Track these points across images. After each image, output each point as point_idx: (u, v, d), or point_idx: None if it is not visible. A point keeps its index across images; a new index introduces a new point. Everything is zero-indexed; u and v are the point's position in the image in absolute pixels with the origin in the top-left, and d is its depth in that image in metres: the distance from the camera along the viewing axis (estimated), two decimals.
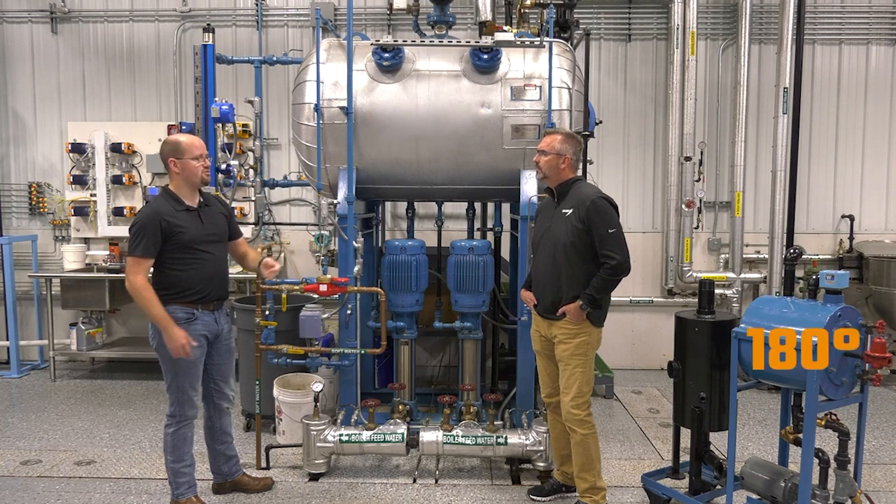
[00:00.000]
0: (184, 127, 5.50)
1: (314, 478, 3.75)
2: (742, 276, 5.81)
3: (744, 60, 5.64)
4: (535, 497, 3.54)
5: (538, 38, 3.97)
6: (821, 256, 5.94)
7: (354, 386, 4.03)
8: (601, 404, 5.17)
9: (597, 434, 3.28)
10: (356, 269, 3.95)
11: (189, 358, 3.11)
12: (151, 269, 3.12)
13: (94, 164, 5.86)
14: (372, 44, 4.01)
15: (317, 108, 3.93)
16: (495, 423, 3.79)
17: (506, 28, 4.24)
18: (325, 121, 3.96)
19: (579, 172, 3.51)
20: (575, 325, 3.21)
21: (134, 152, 5.89)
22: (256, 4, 5.92)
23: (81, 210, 5.88)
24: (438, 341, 5.78)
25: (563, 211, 3.24)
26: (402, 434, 3.72)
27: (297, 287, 3.82)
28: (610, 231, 3.11)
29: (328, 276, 3.82)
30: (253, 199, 4.75)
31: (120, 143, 5.81)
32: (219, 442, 3.49)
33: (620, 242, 3.13)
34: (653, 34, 5.96)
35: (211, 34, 4.77)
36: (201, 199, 3.26)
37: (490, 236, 4.84)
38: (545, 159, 3.27)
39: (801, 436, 2.82)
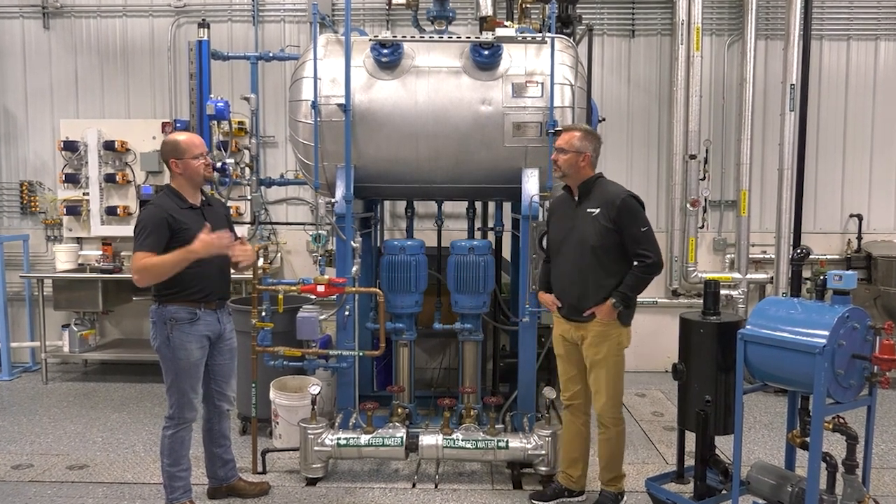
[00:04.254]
0: (178, 124, 5.48)
1: (311, 482, 3.73)
2: (748, 276, 5.79)
3: (750, 56, 5.61)
4: (537, 502, 3.51)
5: (540, 34, 3.94)
6: (828, 256, 5.91)
7: (352, 388, 4.01)
8: None
9: (625, 428, 3.42)
10: (354, 269, 3.92)
11: (220, 248, 3.02)
12: None
13: (86, 163, 5.82)
14: (370, 39, 3.97)
15: (314, 105, 3.89)
16: (496, 426, 3.78)
17: (507, 23, 4.22)
18: (323, 118, 3.93)
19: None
20: (604, 326, 3.21)
21: (128, 150, 5.85)
22: None
23: (74, 209, 5.85)
24: (438, 343, 5.73)
25: (589, 210, 3.22)
26: (402, 438, 3.70)
27: (294, 288, 3.79)
28: (642, 230, 3.14)
29: (326, 276, 3.80)
30: (249, 197, 4.75)
31: (113, 141, 5.77)
32: (216, 445, 3.46)
33: (653, 241, 3.16)
34: (657, 30, 5.94)
35: (206, 30, 4.77)
36: (203, 198, 3.27)
37: (491, 236, 4.81)
38: (564, 157, 3.24)
39: (808, 439, 2.80)
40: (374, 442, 3.67)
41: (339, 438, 3.69)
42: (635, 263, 3.15)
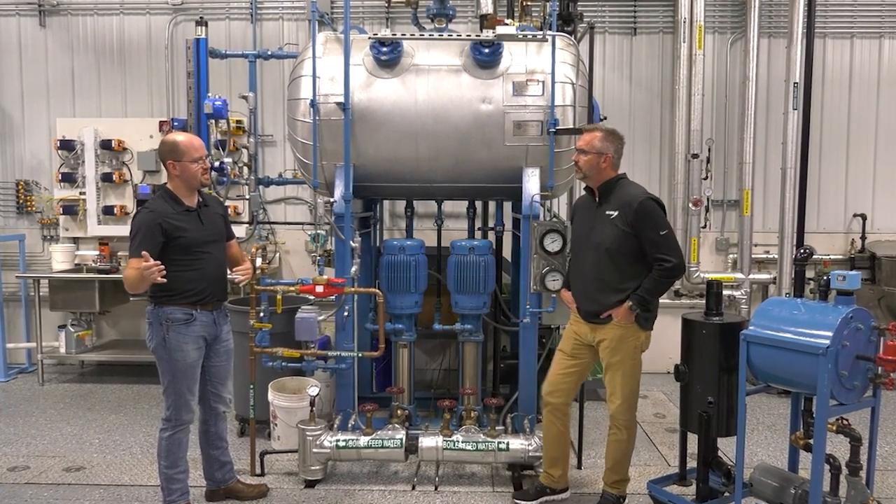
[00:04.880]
0: (176, 123, 5.44)
1: (310, 484, 3.71)
2: (751, 276, 5.75)
3: (752, 55, 5.56)
4: (519, 501, 3.51)
5: (541, 32, 3.90)
6: (832, 256, 5.88)
7: (352, 390, 3.99)
8: (606, 409, 5.08)
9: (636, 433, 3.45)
10: (353, 269, 3.90)
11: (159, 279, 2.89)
12: None
13: (83, 162, 5.78)
14: (369, 37, 3.94)
15: (313, 104, 3.86)
16: (496, 428, 3.77)
17: (507, 21, 4.17)
18: (322, 117, 3.90)
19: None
20: (623, 329, 3.19)
21: (125, 149, 5.81)
22: None
23: (70, 209, 5.81)
24: (438, 344, 5.72)
25: (608, 213, 3.19)
26: (401, 439, 3.69)
27: (292, 288, 3.78)
28: (661, 233, 3.10)
29: (325, 276, 3.78)
30: (247, 197, 4.75)
31: (110, 140, 5.73)
32: (213, 447, 3.45)
33: (673, 244, 3.12)
34: (659, 28, 5.91)
35: (204, 28, 4.73)
36: (200, 199, 3.24)
37: (491, 236, 4.78)
38: (585, 159, 3.21)
39: (811, 441, 2.80)
40: (374, 444, 3.67)
41: (338, 440, 3.68)
42: (655, 267, 3.11)
